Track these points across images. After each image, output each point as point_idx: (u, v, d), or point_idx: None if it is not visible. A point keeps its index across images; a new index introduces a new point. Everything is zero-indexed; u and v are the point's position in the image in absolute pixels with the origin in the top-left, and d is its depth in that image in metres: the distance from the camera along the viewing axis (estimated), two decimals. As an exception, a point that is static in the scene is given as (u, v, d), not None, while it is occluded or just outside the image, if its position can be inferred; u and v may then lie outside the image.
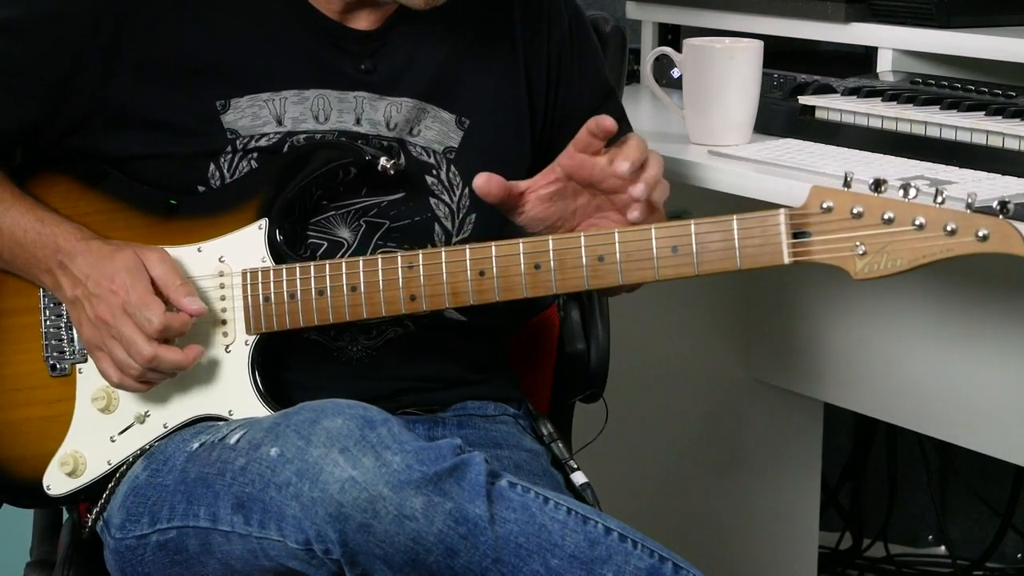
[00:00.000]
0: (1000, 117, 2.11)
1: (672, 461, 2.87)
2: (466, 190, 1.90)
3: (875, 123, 2.20)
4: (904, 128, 2.17)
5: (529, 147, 1.97)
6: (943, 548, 3.29)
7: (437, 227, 1.89)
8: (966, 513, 3.26)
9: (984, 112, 2.13)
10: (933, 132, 2.14)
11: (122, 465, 1.86)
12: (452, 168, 1.91)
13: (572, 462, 2.00)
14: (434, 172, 1.90)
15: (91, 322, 1.81)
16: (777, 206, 1.69)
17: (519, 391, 2.04)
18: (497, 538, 1.63)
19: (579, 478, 1.97)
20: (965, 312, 2.52)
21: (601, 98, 2.03)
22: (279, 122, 1.86)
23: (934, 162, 2.08)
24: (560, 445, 2.01)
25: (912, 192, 1.60)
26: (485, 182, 1.82)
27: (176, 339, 1.81)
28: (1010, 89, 2.23)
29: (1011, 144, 2.05)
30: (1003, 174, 2.01)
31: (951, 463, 3.21)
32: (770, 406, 2.94)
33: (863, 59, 2.51)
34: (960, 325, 2.54)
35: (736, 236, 1.67)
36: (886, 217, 1.61)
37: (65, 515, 2.01)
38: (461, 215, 1.90)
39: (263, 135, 1.86)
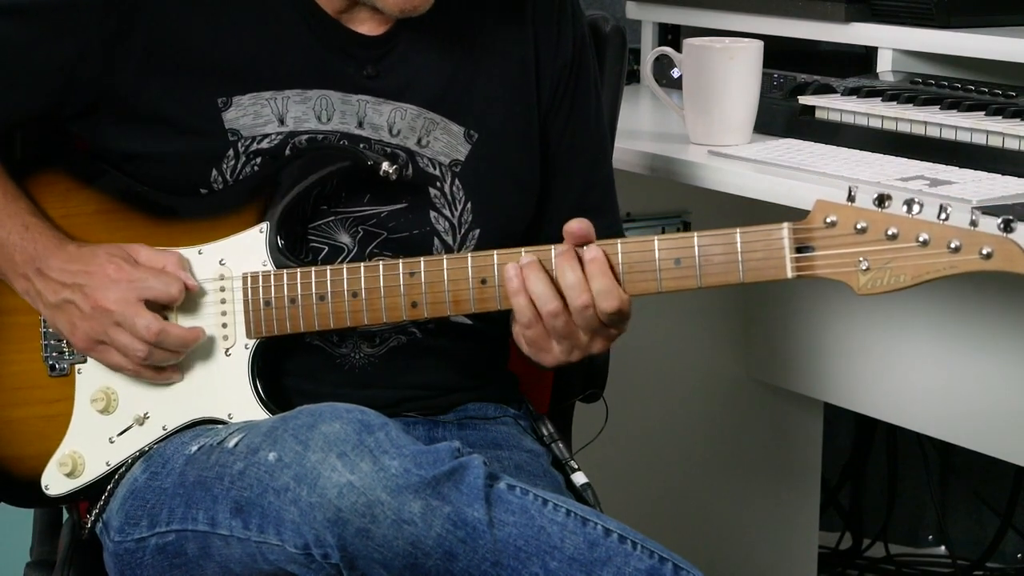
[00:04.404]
0: (1000, 117, 2.11)
1: (672, 461, 2.87)
2: (468, 204, 1.88)
3: (875, 123, 2.20)
4: (904, 128, 2.17)
5: (539, 164, 1.94)
6: (943, 548, 3.29)
7: (436, 241, 1.87)
8: (966, 513, 3.25)
9: (984, 112, 2.13)
10: (933, 132, 2.14)
11: (121, 466, 1.86)
12: (456, 181, 1.88)
13: (572, 462, 1.99)
14: (438, 184, 1.88)
15: (86, 315, 1.80)
16: (777, 206, 1.69)
17: (519, 392, 2.03)
18: (496, 541, 1.62)
19: (579, 478, 1.97)
20: (965, 312, 2.52)
21: (589, 161, 1.98)
22: (281, 121, 1.85)
23: (934, 162, 2.08)
24: (560, 445, 2.01)
25: (916, 208, 1.58)
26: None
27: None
28: (1010, 89, 2.23)
29: (1011, 144, 2.05)
30: (1003, 174, 2.01)
31: (951, 463, 3.21)
32: (770, 406, 2.94)
33: (863, 59, 2.51)
34: (960, 326, 2.53)
35: (739, 249, 1.66)
36: (890, 233, 1.60)
37: (65, 515, 2.01)
38: (463, 230, 1.88)
39: (265, 136, 1.85)
